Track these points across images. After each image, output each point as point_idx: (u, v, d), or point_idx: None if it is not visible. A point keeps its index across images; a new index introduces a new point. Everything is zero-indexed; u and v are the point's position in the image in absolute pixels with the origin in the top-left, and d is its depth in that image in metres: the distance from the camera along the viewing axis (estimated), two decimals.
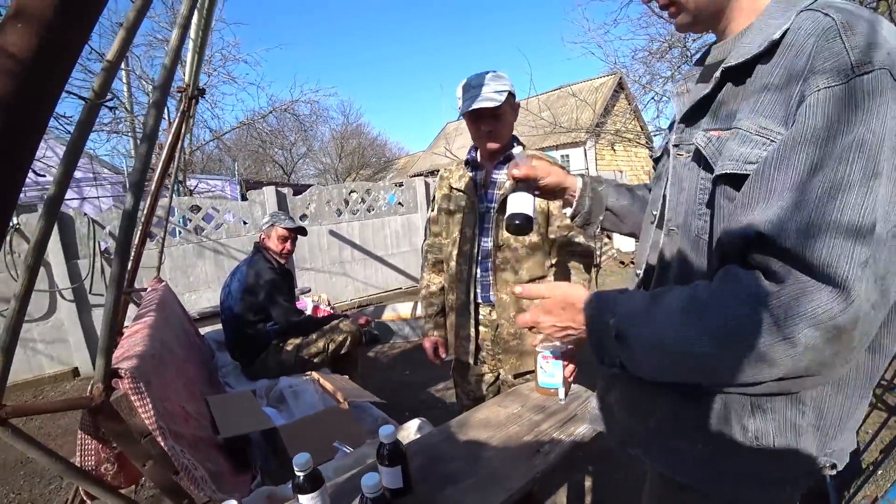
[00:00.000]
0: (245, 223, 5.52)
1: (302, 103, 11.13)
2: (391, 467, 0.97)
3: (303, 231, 2.81)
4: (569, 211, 1.09)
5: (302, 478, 0.90)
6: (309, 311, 4.37)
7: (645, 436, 0.77)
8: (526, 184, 1.02)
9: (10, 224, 4.35)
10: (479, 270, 1.67)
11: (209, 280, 5.32)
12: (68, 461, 1.04)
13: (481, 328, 1.73)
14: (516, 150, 0.91)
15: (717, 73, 0.68)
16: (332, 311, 4.53)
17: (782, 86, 0.58)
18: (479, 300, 1.70)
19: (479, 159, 1.71)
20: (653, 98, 7.24)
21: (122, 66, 8.51)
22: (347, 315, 2.95)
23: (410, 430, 1.49)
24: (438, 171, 1.91)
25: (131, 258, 2.63)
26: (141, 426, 1.05)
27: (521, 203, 1.00)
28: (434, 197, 1.87)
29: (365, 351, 4.35)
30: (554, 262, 1.65)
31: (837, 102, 0.53)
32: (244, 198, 5.82)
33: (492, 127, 1.55)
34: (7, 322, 0.97)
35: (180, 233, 5.29)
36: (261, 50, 14.97)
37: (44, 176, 4.68)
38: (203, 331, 3.27)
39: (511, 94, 1.56)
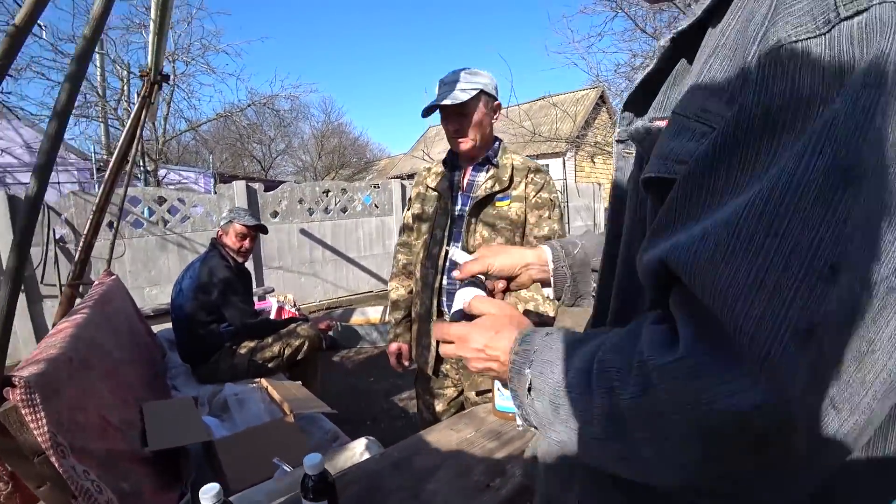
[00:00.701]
0: (214, 218, 5.33)
1: (282, 98, 10.91)
2: (316, 503, 0.86)
3: (263, 229, 2.67)
4: (550, 292, 0.82)
5: None
6: (273, 312, 4.21)
7: None
8: (475, 281, 0.78)
9: None
10: (445, 277, 1.58)
11: (172, 275, 5.10)
12: None
13: None
14: (451, 248, 0.72)
15: (665, 42, 0.49)
16: (297, 313, 4.38)
17: (735, 48, 0.39)
18: (445, 308, 1.60)
19: (459, 160, 1.63)
20: None
21: (97, 49, 8.22)
22: (307, 318, 2.82)
23: (356, 451, 1.38)
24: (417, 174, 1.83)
25: (81, 248, 2.47)
26: (33, 444, 0.91)
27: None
28: (410, 196, 1.78)
29: (329, 356, 4.21)
30: None
31: (806, 66, 0.32)
32: (215, 192, 5.63)
33: (458, 125, 1.50)
34: None
35: (143, 224, 5.07)
36: (241, 41, 14.64)
37: None
38: (157, 328, 3.09)
39: (483, 93, 1.48)
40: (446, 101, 1.44)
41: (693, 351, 0.34)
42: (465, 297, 0.72)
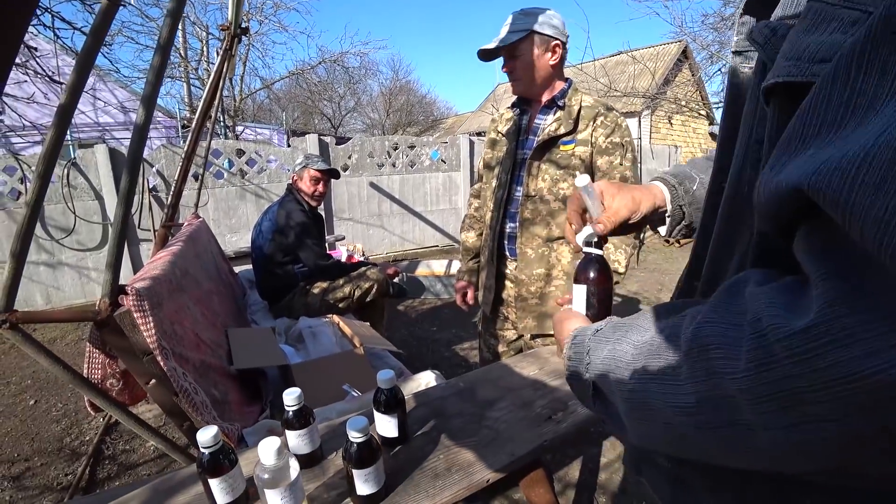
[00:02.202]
0: (287, 170, 5.56)
1: (351, 55, 11.01)
2: (386, 415, 0.91)
3: (335, 174, 2.76)
4: (663, 229, 0.76)
5: (291, 413, 0.86)
6: (343, 260, 4.39)
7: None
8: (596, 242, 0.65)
9: (69, 158, 4.55)
10: (507, 220, 1.59)
11: (250, 222, 5.43)
12: (74, 370, 1.04)
13: (507, 283, 1.66)
14: (579, 179, 0.66)
15: None
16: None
17: None
18: (507, 252, 1.63)
19: (528, 103, 1.61)
20: (720, 70, 6.73)
21: None
22: (376, 263, 2.92)
23: (421, 382, 1.44)
24: (484, 132, 1.84)
25: (172, 193, 2.69)
26: (143, 344, 1.03)
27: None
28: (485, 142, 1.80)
29: (394, 303, 4.36)
30: None
31: None
32: (289, 146, 5.85)
33: (510, 67, 1.50)
34: (18, 229, 0.95)
35: (224, 175, 5.38)
36: None
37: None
38: (238, 269, 3.33)
39: (535, 33, 1.44)
40: (490, 45, 1.46)
41: (840, 311, 0.27)
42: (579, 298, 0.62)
